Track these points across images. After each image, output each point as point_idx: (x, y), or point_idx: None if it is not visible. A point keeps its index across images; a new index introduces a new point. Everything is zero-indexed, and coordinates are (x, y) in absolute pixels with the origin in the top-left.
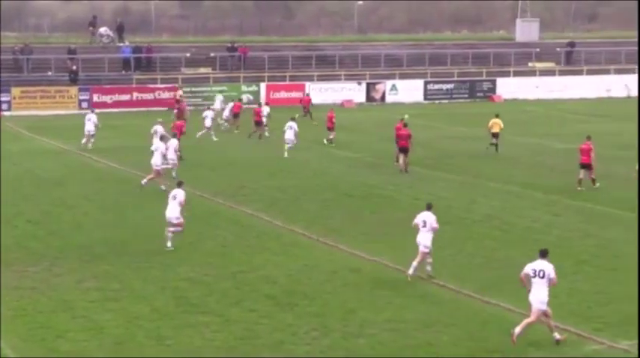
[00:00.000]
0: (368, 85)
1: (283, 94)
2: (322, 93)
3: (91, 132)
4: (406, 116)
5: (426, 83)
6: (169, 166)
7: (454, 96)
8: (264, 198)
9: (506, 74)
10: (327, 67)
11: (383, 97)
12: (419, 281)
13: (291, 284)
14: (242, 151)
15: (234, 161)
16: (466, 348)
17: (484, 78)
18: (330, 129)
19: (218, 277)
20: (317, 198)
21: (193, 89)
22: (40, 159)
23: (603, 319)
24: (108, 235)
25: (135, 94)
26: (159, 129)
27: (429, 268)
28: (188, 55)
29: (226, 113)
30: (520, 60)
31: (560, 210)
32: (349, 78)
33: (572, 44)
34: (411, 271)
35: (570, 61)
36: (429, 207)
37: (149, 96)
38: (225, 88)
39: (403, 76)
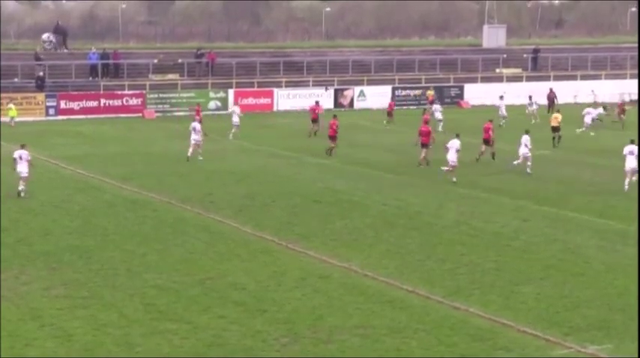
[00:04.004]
0: (336, 90)
1: (251, 101)
2: (290, 99)
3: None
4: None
5: (394, 89)
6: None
7: (422, 102)
8: (233, 204)
9: (473, 80)
10: (295, 73)
11: (351, 103)
12: (387, 287)
13: (260, 290)
14: (210, 158)
15: (203, 168)
16: (435, 353)
17: (452, 84)
18: (332, 137)
19: (186, 284)
20: (286, 204)
21: (161, 95)
22: (6, 167)
23: (571, 324)
24: (76, 242)
25: (102, 101)
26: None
27: None
28: (156, 61)
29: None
30: (487, 66)
31: (527, 215)
32: (317, 84)
33: (536, 50)
34: None
35: (537, 67)
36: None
37: (117, 102)
38: (193, 94)
39: (371, 82)
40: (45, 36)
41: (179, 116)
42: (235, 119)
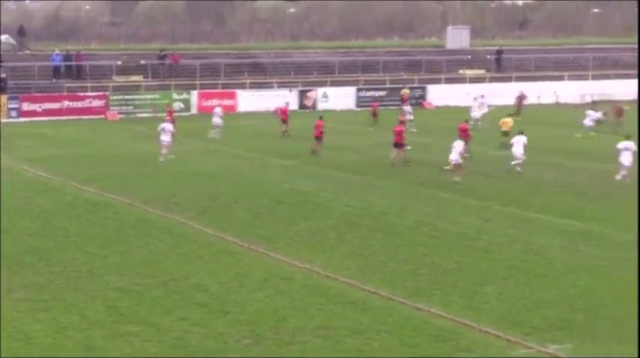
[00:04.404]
0: (300, 92)
1: (215, 102)
2: (254, 100)
3: None
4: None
5: (358, 90)
6: None
7: (386, 103)
8: (196, 205)
9: (437, 81)
10: (259, 74)
11: (315, 104)
12: (350, 288)
13: (223, 292)
14: (175, 159)
15: (167, 169)
16: (397, 354)
17: (415, 85)
18: (318, 138)
19: (149, 286)
20: (249, 205)
21: (126, 97)
22: None
23: (532, 324)
24: (37, 244)
25: (65, 103)
26: None
27: None
28: (119, 62)
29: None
30: (451, 67)
31: (490, 215)
32: (281, 85)
33: (500, 51)
34: None
35: (500, 68)
36: None
37: (80, 104)
38: (157, 96)
39: (335, 83)
40: (3, 37)
41: (142, 117)
42: (216, 120)
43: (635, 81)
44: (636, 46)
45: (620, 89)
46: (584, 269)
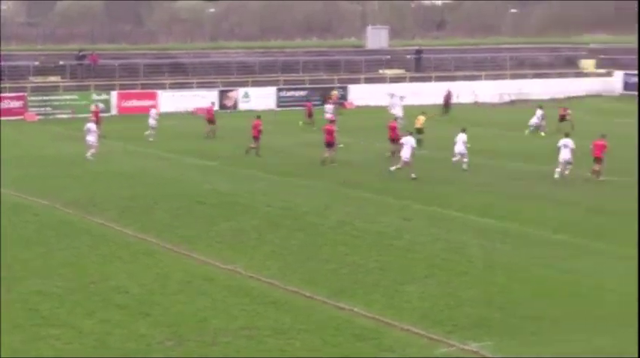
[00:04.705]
0: (220, 92)
1: (135, 103)
2: (175, 101)
3: None
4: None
5: (278, 90)
6: None
7: (306, 103)
8: (116, 207)
9: (357, 81)
10: (179, 74)
11: (236, 104)
12: (271, 288)
13: (144, 293)
14: (96, 160)
15: (88, 170)
16: (319, 354)
17: (336, 85)
18: (256, 138)
19: (69, 288)
20: (170, 206)
21: (44, 98)
22: None
23: (453, 322)
24: None
25: None
26: None
27: None
28: (37, 63)
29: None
30: (371, 67)
31: (411, 214)
32: (201, 85)
33: (419, 51)
34: None
35: (420, 68)
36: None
37: None
38: (76, 96)
39: (256, 84)
40: None
41: (61, 119)
42: (151, 122)
43: (551, 80)
44: (550, 45)
45: (537, 89)
46: (501, 267)
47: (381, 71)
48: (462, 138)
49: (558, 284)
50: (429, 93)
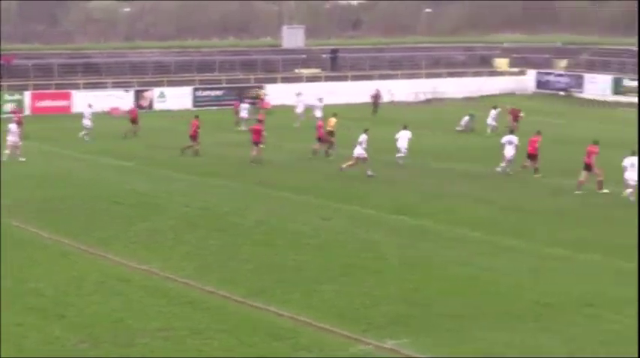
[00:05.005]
0: (136, 92)
1: (49, 103)
2: (89, 101)
3: None
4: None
5: (194, 90)
6: None
7: (223, 102)
8: (31, 208)
9: (273, 80)
10: (94, 74)
11: (151, 104)
12: (188, 288)
13: (59, 295)
14: (10, 161)
15: (3, 172)
16: (236, 354)
17: (252, 84)
18: (193, 137)
19: None
20: (85, 207)
21: None
22: None
23: (370, 320)
24: None
25: None
26: None
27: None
28: None
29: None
30: (287, 66)
31: (328, 213)
32: (116, 85)
33: (335, 50)
34: None
35: (335, 68)
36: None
37: None
38: None
39: (171, 83)
40: None
41: None
42: (85, 122)
43: (466, 79)
44: (464, 44)
45: (452, 87)
46: (417, 265)
47: (297, 70)
48: (405, 134)
49: (474, 282)
50: (344, 92)
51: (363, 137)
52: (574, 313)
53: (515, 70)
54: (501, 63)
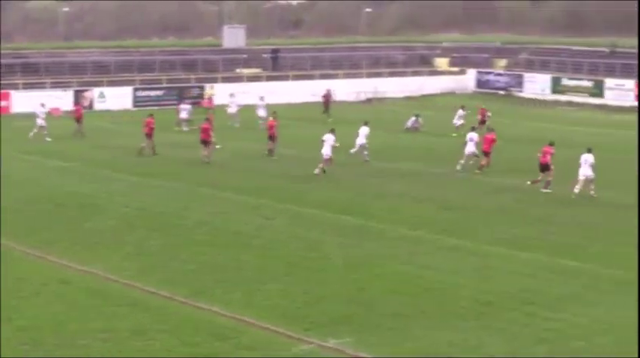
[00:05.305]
0: (75, 92)
1: None
2: (28, 101)
3: None
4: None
5: (134, 90)
6: None
7: (163, 102)
8: None
9: (214, 80)
10: (32, 74)
11: (91, 104)
12: (130, 289)
13: (2, 298)
14: None
15: None
16: (178, 354)
17: (193, 84)
18: (148, 135)
19: None
20: (27, 209)
21: None
22: None
23: (312, 319)
24: None
25: None
26: None
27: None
28: None
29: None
30: (228, 66)
31: (270, 213)
32: (55, 85)
33: (276, 50)
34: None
35: (276, 67)
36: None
37: None
38: None
39: (111, 83)
40: None
41: None
42: (39, 121)
43: (406, 78)
44: (405, 44)
45: (393, 87)
46: (359, 264)
47: (238, 70)
48: (364, 131)
49: (417, 281)
50: (285, 92)
51: (328, 137)
52: (515, 311)
53: (456, 69)
54: (441, 62)
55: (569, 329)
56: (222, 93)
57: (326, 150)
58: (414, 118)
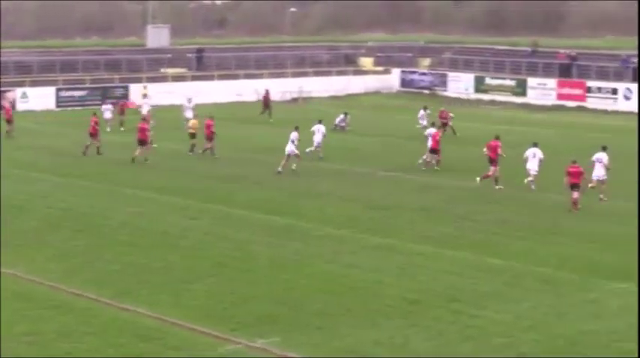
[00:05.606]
0: None
1: None
2: None
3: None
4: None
5: (57, 90)
6: None
7: (87, 102)
8: None
9: (138, 80)
10: None
11: (14, 105)
12: (54, 291)
13: None
14: None
15: None
16: (105, 355)
17: (117, 84)
18: (93, 134)
19: None
20: None
21: None
22: None
23: (239, 319)
24: None
25: None
26: None
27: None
28: None
29: None
30: (152, 66)
31: (196, 213)
32: None
33: (200, 50)
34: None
35: (201, 67)
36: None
37: None
38: None
39: (34, 84)
40: None
41: None
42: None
43: (332, 78)
44: (329, 44)
45: (318, 86)
46: (286, 264)
47: (162, 70)
48: (320, 129)
49: (343, 280)
50: (211, 92)
51: (294, 135)
52: (441, 309)
53: (380, 69)
54: (366, 62)
55: (494, 326)
56: (136, 94)
57: (290, 148)
58: (342, 116)
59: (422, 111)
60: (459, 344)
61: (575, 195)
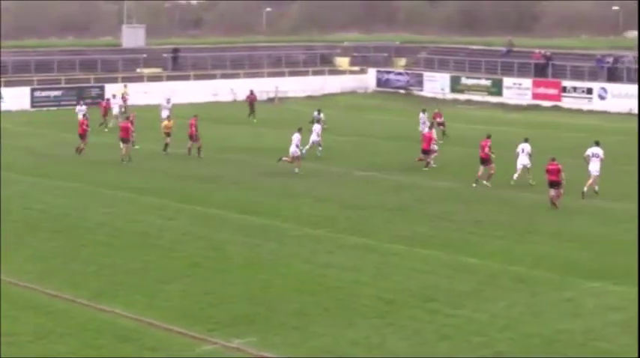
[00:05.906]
0: None
1: None
2: None
3: None
4: None
5: (32, 90)
6: None
7: (62, 102)
8: None
9: (114, 80)
10: None
11: None
12: (31, 292)
13: None
14: None
15: None
16: (82, 356)
17: (92, 84)
18: (82, 135)
19: None
20: None
21: None
22: None
23: (215, 319)
24: None
25: None
26: None
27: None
28: None
29: None
30: (128, 66)
31: (172, 214)
32: None
33: (176, 50)
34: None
35: (177, 67)
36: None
37: None
38: None
39: (9, 84)
40: None
41: None
42: None
43: (308, 78)
44: (305, 44)
45: (294, 86)
46: (262, 264)
47: (138, 70)
48: (316, 129)
49: (319, 279)
50: (187, 92)
51: (296, 136)
52: (417, 308)
53: (356, 68)
54: (342, 62)
55: (470, 325)
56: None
57: (293, 149)
58: (315, 113)
59: (422, 115)
60: (436, 343)
61: (552, 192)
